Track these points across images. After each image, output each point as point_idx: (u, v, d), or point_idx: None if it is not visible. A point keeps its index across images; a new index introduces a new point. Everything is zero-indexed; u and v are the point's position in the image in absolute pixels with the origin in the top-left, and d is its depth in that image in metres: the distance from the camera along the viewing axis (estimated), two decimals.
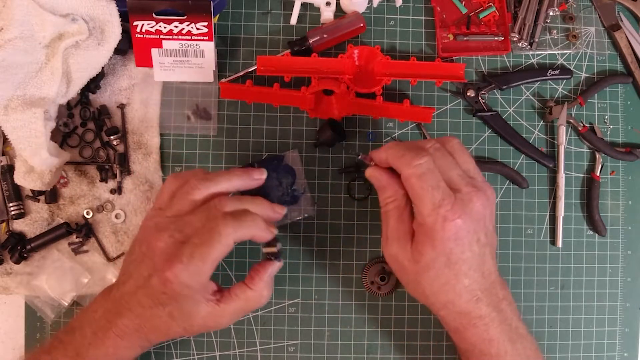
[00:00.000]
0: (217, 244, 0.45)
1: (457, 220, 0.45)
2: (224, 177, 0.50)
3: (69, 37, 0.54)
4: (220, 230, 0.45)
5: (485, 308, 0.47)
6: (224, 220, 0.46)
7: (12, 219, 0.58)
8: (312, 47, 0.60)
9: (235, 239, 0.46)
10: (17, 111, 0.53)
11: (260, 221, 0.48)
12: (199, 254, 0.45)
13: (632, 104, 0.64)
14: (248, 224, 0.47)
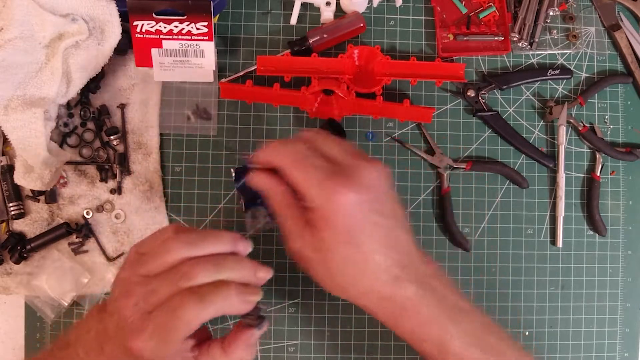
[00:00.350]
0: (177, 329, 0.40)
1: (349, 194, 0.41)
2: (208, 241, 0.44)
3: (69, 37, 0.54)
4: (182, 315, 0.40)
5: (409, 287, 0.43)
6: (187, 301, 0.40)
7: (12, 219, 0.58)
8: (312, 47, 0.60)
9: (202, 321, 0.40)
10: (17, 111, 0.53)
11: (234, 295, 0.41)
12: (159, 335, 0.40)
13: (632, 104, 0.64)
14: (216, 303, 0.40)
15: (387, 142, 0.61)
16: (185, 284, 0.41)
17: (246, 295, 0.42)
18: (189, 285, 0.41)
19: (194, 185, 0.60)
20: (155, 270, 0.42)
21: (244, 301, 0.42)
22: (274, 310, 0.60)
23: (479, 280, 0.61)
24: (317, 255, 0.43)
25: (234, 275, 0.43)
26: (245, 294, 0.42)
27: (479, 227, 0.61)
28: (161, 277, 0.42)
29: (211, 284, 0.41)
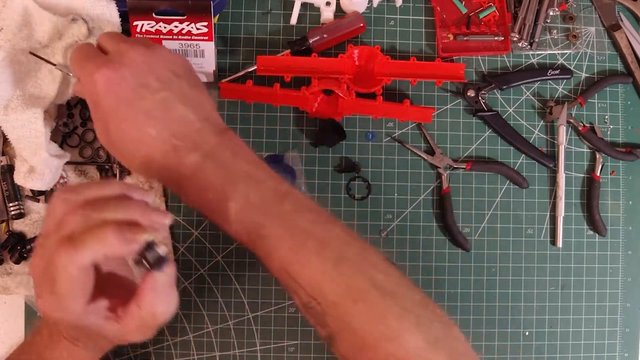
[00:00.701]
0: (59, 279, 0.38)
1: (104, 71, 0.42)
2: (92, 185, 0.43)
3: (69, 38, 0.54)
4: (57, 263, 0.38)
5: (189, 155, 0.42)
6: (59, 248, 0.38)
7: (12, 219, 0.58)
8: (312, 47, 0.60)
9: (79, 266, 0.38)
10: (17, 111, 0.53)
11: (112, 235, 0.37)
12: (50, 290, 0.39)
13: (632, 104, 0.64)
14: (90, 245, 0.37)
15: (387, 142, 0.61)
16: (61, 233, 0.39)
17: (127, 233, 0.38)
18: (65, 234, 0.38)
19: None
20: (49, 230, 0.40)
21: (125, 240, 0.38)
22: (274, 310, 0.60)
23: (479, 280, 0.61)
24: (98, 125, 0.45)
25: (116, 216, 0.39)
26: (126, 231, 0.38)
27: (479, 227, 0.61)
28: (50, 233, 0.40)
29: (87, 227, 0.38)
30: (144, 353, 0.59)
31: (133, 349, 0.59)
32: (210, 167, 0.42)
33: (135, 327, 0.42)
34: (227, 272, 0.60)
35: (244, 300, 0.59)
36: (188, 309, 0.59)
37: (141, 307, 0.41)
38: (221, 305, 0.59)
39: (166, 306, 0.42)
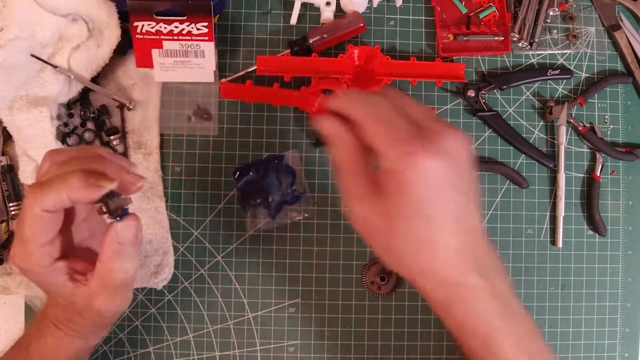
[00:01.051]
0: (24, 219, 0.39)
1: (426, 155, 0.36)
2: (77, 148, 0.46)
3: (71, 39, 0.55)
4: (24, 203, 0.40)
5: (472, 276, 0.38)
6: (28, 191, 0.40)
7: (12, 219, 0.58)
8: (312, 47, 0.60)
9: (44, 207, 0.39)
10: (22, 111, 0.53)
11: (75, 179, 0.38)
12: (18, 234, 0.41)
13: (632, 104, 0.64)
14: (55, 186, 0.38)
15: None
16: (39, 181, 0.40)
17: (91, 179, 0.38)
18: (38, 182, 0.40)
19: (194, 185, 0.60)
20: None
21: (88, 185, 0.38)
22: (274, 310, 0.60)
23: None
24: (382, 222, 0.39)
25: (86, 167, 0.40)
26: (91, 177, 0.38)
27: None
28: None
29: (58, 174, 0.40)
30: (143, 353, 0.59)
31: (133, 349, 0.59)
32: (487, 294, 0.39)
33: (98, 287, 0.41)
34: (227, 272, 0.60)
35: (244, 300, 0.59)
36: (188, 309, 0.59)
37: (101, 261, 0.41)
38: (221, 305, 0.59)
39: (124, 262, 0.41)
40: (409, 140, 0.37)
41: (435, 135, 0.37)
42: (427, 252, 0.38)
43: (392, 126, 0.38)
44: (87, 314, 0.43)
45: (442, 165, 0.37)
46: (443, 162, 0.37)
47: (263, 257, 0.60)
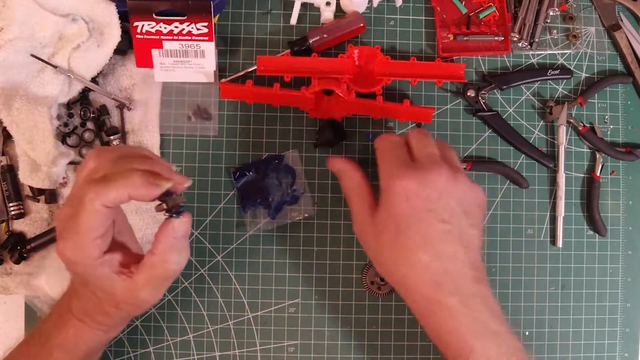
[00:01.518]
0: (82, 213, 0.41)
1: (407, 180, 0.44)
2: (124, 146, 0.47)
3: (71, 39, 0.55)
4: (84, 197, 0.41)
5: (447, 297, 0.44)
6: (88, 185, 0.41)
7: (12, 219, 0.58)
8: (312, 47, 0.60)
9: (105, 202, 0.41)
10: (22, 111, 0.53)
11: (137, 177, 0.41)
12: (72, 227, 0.42)
13: (632, 104, 0.64)
14: (117, 183, 0.41)
15: None
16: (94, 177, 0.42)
17: (150, 178, 0.42)
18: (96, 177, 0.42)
19: (194, 185, 0.60)
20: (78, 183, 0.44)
21: (149, 183, 0.41)
22: (274, 310, 0.60)
23: None
24: (373, 236, 0.47)
25: (141, 167, 0.43)
26: (151, 177, 0.42)
27: None
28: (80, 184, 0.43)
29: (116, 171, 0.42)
30: (143, 353, 0.59)
31: (133, 349, 0.59)
32: (464, 316, 0.44)
33: (146, 280, 0.44)
34: (227, 272, 0.60)
35: (244, 300, 0.59)
36: (188, 309, 0.59)
37: (155, 253, 0.44)
38: (221, 305, 0.59)
39: (179, 255, 0.45)
40: (401, 167, 0.45)
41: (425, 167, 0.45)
42: (405, 265, 0.45)
43: (392, 156, 0.47)
44: (126, 305, 0.45)
45: (419, 190, 0.44)
46: (421, 187, 0.44)
47: (263, 257, 0.60)
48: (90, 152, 0.45)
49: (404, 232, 0.45)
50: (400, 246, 0.45)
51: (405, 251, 0.45)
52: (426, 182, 0.45)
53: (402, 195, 0.44)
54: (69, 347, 0.47)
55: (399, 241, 0.45)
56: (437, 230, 0.45)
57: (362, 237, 0.49)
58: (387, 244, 0.46)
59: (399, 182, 0.45)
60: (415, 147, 0.49)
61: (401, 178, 0.45)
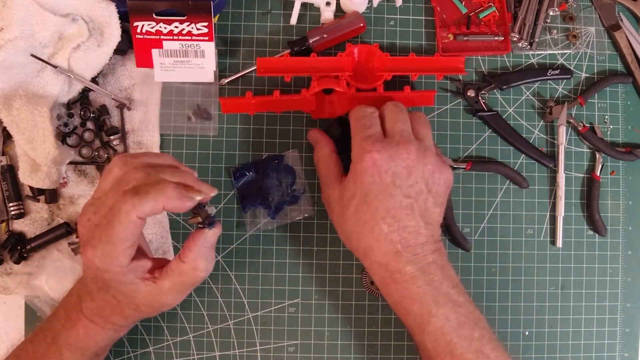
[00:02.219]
0: (117, 224, 0.42)
1: (375, 154, 0.46)
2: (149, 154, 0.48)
3: (71, 39, 0.55)
4: (120, 208, 0.42)
5: (406, 265, 0.47)
6: (124, 196, 0.42)
7: (12, 219, 0.58)
8: (312, 47, 0.60)
9: (140, 214, 0.42)
10: (22, 111, 0.53)
11: (172, 190, 0.43)
12: (104, 236, 0.42)
13: (632, 104, 0.64)
14: (152, 195, 0.42)
15: None
16: (126, 187, 0.43)
17: (184, 191, 0.43)
18: (129, 187, 0.43)
19: None
20: (105, 189, 0.45)
21: (182, 195, 0.43)
22: (274, 310, 0.60)
23: (479, 280, 0.61)
24: (338, 203, 0.49)
25: (173, 179, 0.44)
26: (183, 189, 0.43)
27: (479, 227, 0.61)
28: (109, 191, 0.44)
29: (150, 182, 0.43)
30: (143, 353, 0.59)
31: (133, 349, 0.59)
32: (422, 282, 0.47)
33: (171, 285, 0.46)
34: (227, 272, 0.60)
35: (244, 300, 0.59)
36: (188, 308, 0.59)
37: (185, 261, 0.46)
38: (221, 305, 0.59)
39: (207, 263, 0.47)
40: (371, 140, 0.47)
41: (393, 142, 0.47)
42: (367, 234, 0.47)
43: (365, 128, 0.48)
44: (146, 307, 0.47)
45: (385, 164, 0.46)
46: (387, 161, 0.46)
47: (263, 257, 0.60)
48: (116, 159, 0.45)
49: (370, 203, 0.47)
50: (365, 217, 0.47)
51: (369, 221, 0.47)
52: (395, 158, 0.47)
53: (370, 167, 0.46)
54: (79, 346, 0.48)
55: (363, 211, 0.47)
56: (401, 205, 0.47)
57: (328, 204, 0.51)
58: (352, 214, 0.48)
59: (369, 156, 0.46)
60: (388, 121, 0.50)
61: (371, 151, 0.46)
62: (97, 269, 0.44)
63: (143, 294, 0.46)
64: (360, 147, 0.48)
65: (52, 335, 0.48)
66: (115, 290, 0.46)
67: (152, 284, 0.46)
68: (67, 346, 0.48)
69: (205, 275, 0.47)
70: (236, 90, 0.61)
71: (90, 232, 0.43)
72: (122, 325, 0.50)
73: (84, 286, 0.48)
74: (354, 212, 0.47)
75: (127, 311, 0.47)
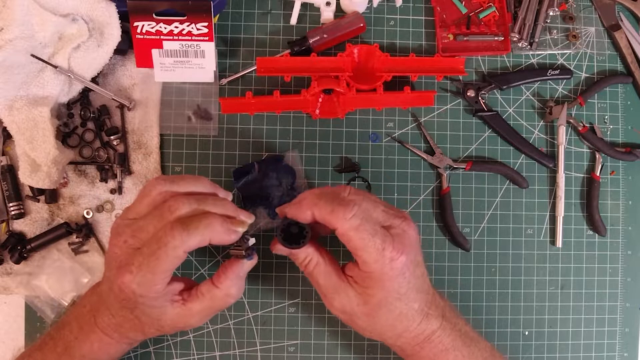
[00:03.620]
0: (164, 257, 0.42)
1: (402, 257, 0.45)
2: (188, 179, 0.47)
3: (71, 39, 0.54)
4: (168, 242, 0.42)
5: (435, 321, 0.48)
6: (172, 230, 0.42)
7: (12, 219, 0.58)
8: (312, 47, 0.60)
9: (186, 250, 0.43)
10: (22, 111, 0.53)
11: (218, 224, 0.44)
12: (147, 265, 0.43)
13: (632, 104, 0.64)
14: (201, 230, 0.43)
15: (387, 142, 0.61)
16: (170, 216, 0.43)
17: (230, 225, 0.45)
18: (174, 217, 0.43)
19: None
20: (142, 212, 0.45)
21: (229, 230, 0.45)
22: (274, 310, 0.60)
23: (479, 280, 0.61)
24: (363, 309, 0.47)
25: (216, 210, 0.45)
26: (229, 223, 0.45)
27: (479, 227, 0.61)
28: (148, 215, 0.45)
29: (197, 214, 0.44)
30: (143, 353, 0.59)
31: (133, 349, 0.59)
32: (449, 330, 0.48)
33: (201, 309, 0.47)
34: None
35: (244, 300, 0.59)
36: None
37: (220, 287, 0.47)
38: None
39: (238, 291, 0.48)
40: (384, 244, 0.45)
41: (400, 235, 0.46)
42: (403, 321, 0.47)
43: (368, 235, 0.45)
44: (169, 328, 0.47)
45: (408, 258, 0.46)
46: (409, 255, 0.46)
47: (263, 258, 0.60)
48: (153, 182, 0.46)
49: (402, 298, 0.46)
50: (399, 310, 0.47)
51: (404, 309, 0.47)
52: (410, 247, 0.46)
53: (400, 271, 0.45)
54: (92, 358, 0.48)
55: (397, 307, 0.47)
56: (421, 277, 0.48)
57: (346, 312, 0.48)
58: (384, 313, 0.47)
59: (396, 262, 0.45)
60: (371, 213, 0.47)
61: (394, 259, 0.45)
62: (132, 293, 0.44)
63: (170, 315, 0.46)
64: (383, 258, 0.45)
65: (63, 345, 0.48)
66: (141, 312, 0.45)
67: (181, 306, 0.46)
68: (80, 357, 0.48)
69: (233, 300, 0.48)
70: (236, 90, 0.61)
71: (129, 256, 0.44)
72: (138, 340, 0.50)
73: (102, 300, 0.47)
74: (388, 311, 0.47)
75: (149, 330, 0.47)
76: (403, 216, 0.48)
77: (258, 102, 0.59)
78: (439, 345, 0.48)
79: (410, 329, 0.48)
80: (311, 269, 0.49)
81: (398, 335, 0.48)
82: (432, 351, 0.48)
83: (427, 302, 0.48)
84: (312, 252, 0.49)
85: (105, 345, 0.48)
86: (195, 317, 0.47)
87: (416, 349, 0.49)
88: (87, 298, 0.50)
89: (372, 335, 0.49)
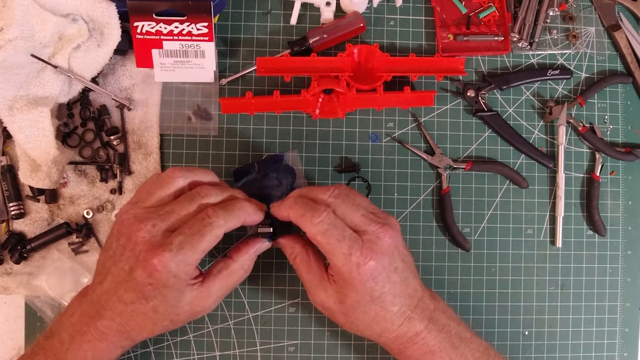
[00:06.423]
0: (208, 235, 0.45)
1: (370, 262, 0.46)
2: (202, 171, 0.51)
3: (71, 39, 0.54)
4: (212, 222, 0.45)
5: (418, 324, 0.48)
6: (215, 211, 0.46)
7: (12, 219, 0.58)
8: (312, 47, 0.60)
9: (227, 230, 0.46)
10: (22, 111, 0.53)
11: (249, 206, 0.49)
12: (190, 243, 0.45)
13: (632, 104, 0.64)
14: (237, 212, 0.47)
15: (387, 142, 0.61)
16: (203, 201, 0.47)
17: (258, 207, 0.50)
18: (206, 202, 0.47)
19: None
20: (166, 198, 0.48)
21: (257, 211, 0.49)
22: (274, 310, 0.60)
23: (479, 280, 0.61)
24: (339, 306, 0.49)
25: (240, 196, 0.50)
26: (255, 204, 0.50)
27: (479, 227, 0.61)
28: (178, 200, 0.47)
29: (229, 198, 0.49)
30: (143, 353, 0.59)
31: (133, 349, 0.59)
32: (435, 332, 0.49)
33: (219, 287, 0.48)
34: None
35: (244, 300, 0.59)
36: None
37: (236, 260, 0.49)
38: (221, 305, 0.59)
39: (250, 267, 0.51)
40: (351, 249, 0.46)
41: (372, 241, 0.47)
42: (380, 322, 0.48)
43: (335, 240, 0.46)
44: (185, 315, 0.48)
45: (379, 264, 0.46)
46: (380, 261, 0.46)
47: (263, 257, 0.60)
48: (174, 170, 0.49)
49: (374, 301, 0.47)
50: (374, 312, 0.48)
51: (380, 312, 0.48)
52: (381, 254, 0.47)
53: (369, 276, 0.46)
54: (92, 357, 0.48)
55: (371, 309, 0.48)
56: (399, 281, 0.48)
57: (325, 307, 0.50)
58: (360, 314, 0.48)
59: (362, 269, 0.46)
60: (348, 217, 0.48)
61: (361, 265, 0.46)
62: (167, 272, 0.44)
63: (187, 299, 0.47)
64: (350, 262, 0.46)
65: (54, 355, 0.47)
66: (160, 300, 0.45)
67: (199, 288, 0.47)
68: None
69: (245, 277, 0.50)
70: (236, 90, 0.61)
71: (162, 238, 0.45)
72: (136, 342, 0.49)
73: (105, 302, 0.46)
74: (363, 312, 0.48)
75: (161, 323, 0.47)
76: (382, 222, 0.48)
77: (258, 102, 0.59)
78: (423, 347, 0.49)
79: (390, 329, 0.48)
80: (297, 263, 0.51)
81: (378, 334, 0.49)
82: (417, 352, 0.49)
83: (410, 305, 0.48)
84: (298, 248, 0.51)
85: (99, 352, 0.47)
86: (212, 296, 0.48)
87: (400, 348, 0.50)
88: (74, 307, 0.49)
89: (353, 331, 0.51)
